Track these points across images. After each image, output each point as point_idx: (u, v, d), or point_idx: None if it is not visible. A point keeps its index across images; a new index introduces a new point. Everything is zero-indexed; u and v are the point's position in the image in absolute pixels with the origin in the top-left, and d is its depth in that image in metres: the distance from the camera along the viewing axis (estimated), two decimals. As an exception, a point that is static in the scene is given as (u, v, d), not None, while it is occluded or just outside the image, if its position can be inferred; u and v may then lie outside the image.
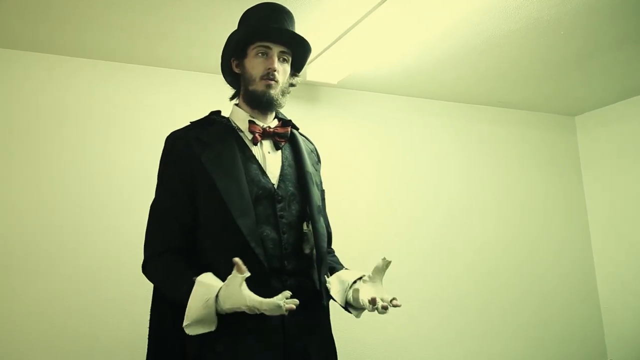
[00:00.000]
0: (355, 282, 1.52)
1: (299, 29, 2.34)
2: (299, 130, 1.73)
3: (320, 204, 1.59)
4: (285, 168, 1.56)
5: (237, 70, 1.59)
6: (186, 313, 1.31)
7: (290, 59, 1.59)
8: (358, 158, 3.14)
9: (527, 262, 3.47)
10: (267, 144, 1.57)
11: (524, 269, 3.45)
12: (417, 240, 3.18)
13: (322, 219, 1.56)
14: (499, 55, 2.71)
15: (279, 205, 1.50)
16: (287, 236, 1.48)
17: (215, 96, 2.72)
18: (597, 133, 3.74)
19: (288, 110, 1.73)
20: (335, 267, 1.65)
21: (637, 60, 2.82)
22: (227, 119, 1.60)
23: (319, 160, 1.77)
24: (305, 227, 1.53)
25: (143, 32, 2.34)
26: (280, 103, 1.57)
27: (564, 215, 3.69)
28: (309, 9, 2.18)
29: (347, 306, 1.52)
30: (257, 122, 1.56)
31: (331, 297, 1.54)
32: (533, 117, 3.75)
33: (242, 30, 1.57)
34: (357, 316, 1.53)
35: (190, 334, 1.30)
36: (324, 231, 1.54)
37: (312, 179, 1.59)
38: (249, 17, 1.59)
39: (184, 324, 1.30)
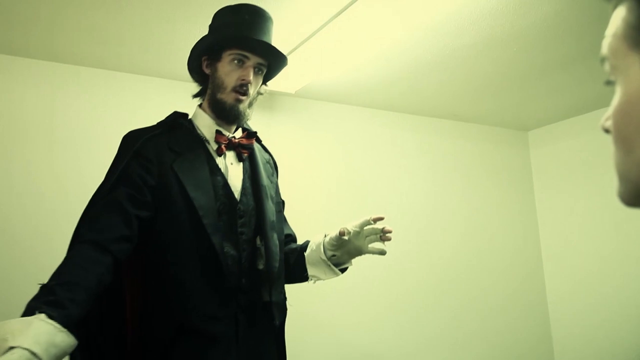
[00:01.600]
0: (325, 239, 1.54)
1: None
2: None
3: (274, 218, 1.54)
4: (246, 181, 1.51)
5: (206, 71, 1.50)
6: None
7: (264, 70, 1.52)
8: (314, 168, 3.12)
9: (478, 274, 3.52)
10: (230, 155, 1.51)
11: (474, 281, 3.49)
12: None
13: (275, 236, 1.51)
14: (453, 69, 2.75)
15: (240, 221, 1.45)
16: (246, 253, 1.45)
17: (170, 101, 2.67)
18: (548, 148, 3.84)
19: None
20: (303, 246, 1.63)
21: (586, 79, 2.91)
22: (192, 123, 1.52)
23: (276, 170, 1.72)
24: (258, 242, 1.49)
25: (99, 36, 2.28)
26: (247, 116, 1.50)
27: (516, 227, 3.76)
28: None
29: (324, 264, 1.53)
30: (223, 132, 1.49)
31: (284, 317, 1.52)
32: (487, 131, 3.82)
33: (220, 32, 1.47)
34: (336, 273, 1.55)
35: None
36: (276, 249, 1.49)
37: (266, 192, 1.53)
38: (228, 16, 1.49)
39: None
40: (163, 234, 1.38)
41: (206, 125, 1.50)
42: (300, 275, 1.58)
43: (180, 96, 2.76)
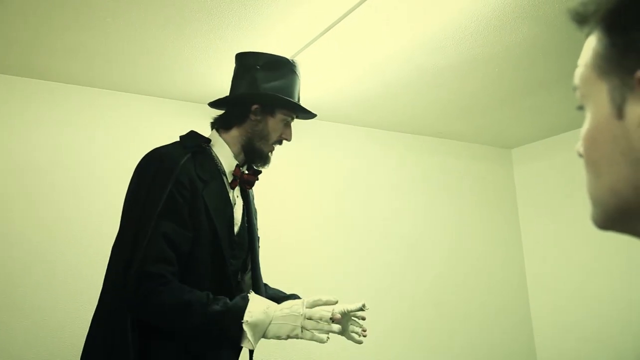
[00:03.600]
0: None
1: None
2: None
3: (259, 259, 1.63)
4: (244, 216, 1.59)
5: (253, 118, 1.54)
6: (247, 309, 1.27)
7: None
8: (299, 186, 3.13)
9: (462, 289, 3.53)
10: (236, 189, 1.59)
11: (458, 297, 3.50)
12: (349, 267, 3.18)
13: (261, 275, 1.60)
14: (438, 87, 2.78)
15: (232, 252, 1.50)
16: (238, 287, 1.53)
17: (156, 119, 2.69)
18: (532, 165, 3.89)
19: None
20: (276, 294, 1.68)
21: (566, 98, 2.96)
22: (212, 150, 1.54)
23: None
24: (247, 279, 1.57)
25: (84, 54, 2.28)
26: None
27: (500, 243, 3.78)
28: (252, 38, 2.19)
29: None
30: (241, 168, 1.57)
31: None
32: (472, 148, 3.86)
33: (281, 92, 1.54)
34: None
35: (246, 330, 1.25)
36: (263, 289, 1.59)
37: (256, 232, 1.63)
38: (283, 72, 1.57)
39: (246, 318, 1.26)
40: (186, 259, 1.40)
41: (227, 157, 1.55)
42: None
43: (168, 114, 2.79)
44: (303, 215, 3.10)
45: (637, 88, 0.47)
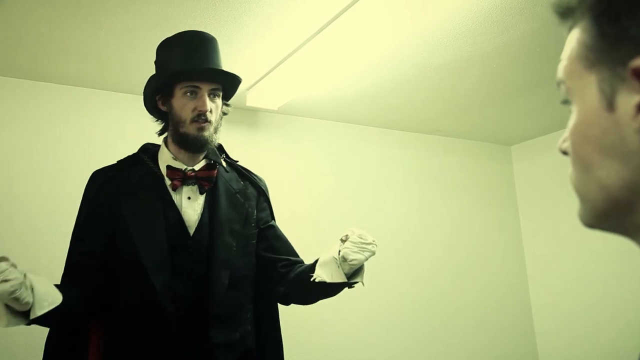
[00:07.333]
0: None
1: (240, 56, 2.33)
2: (239, 163, 1.66)
3: (229, 255, 1.46)
4: (204, 215, 1.48)
5: (163, 108, 1.50)
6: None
7: (221, 92, 1.51)
8: (298, 185, 3.11)
9: (462, 287, 3.51)
10: (188, 189, 1.48)
11: (458, 295, 3.48)
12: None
13: (225, 274, 1.44)
14: (436, 85, 2.77)
15: (191, 257, 1.43)
16: (197, 290, 1.42)
17: (128, 116, 2.66)
18: (531, 162, 3.87)
19: (226, 135, 1.68)
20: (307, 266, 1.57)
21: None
22: (155, 156, 1.54)
23: (260, 195, 1.67)
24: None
25: (58, 51, 2.27)
26: (214, 142, 1.49)
27: (500, 240, 3.76)
28: (249, 35, 2.17)
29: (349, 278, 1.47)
30: (175, 166, 1.48)
31: (235, 356, 1.47)
32: (471, 145, 3.84)
33: (166, 69, 1.46)
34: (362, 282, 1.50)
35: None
36: (221, 290, 1.43)
37: (223, 228, 1.48)
38: (169, 50, 1.49)
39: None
40: (116, 275, 1.45)
41: (163, 161, 1.51)
42: (302, 290, 1.53)
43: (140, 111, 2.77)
44: (299, 213, 3.08)
45: (630, 79, 0.45)
